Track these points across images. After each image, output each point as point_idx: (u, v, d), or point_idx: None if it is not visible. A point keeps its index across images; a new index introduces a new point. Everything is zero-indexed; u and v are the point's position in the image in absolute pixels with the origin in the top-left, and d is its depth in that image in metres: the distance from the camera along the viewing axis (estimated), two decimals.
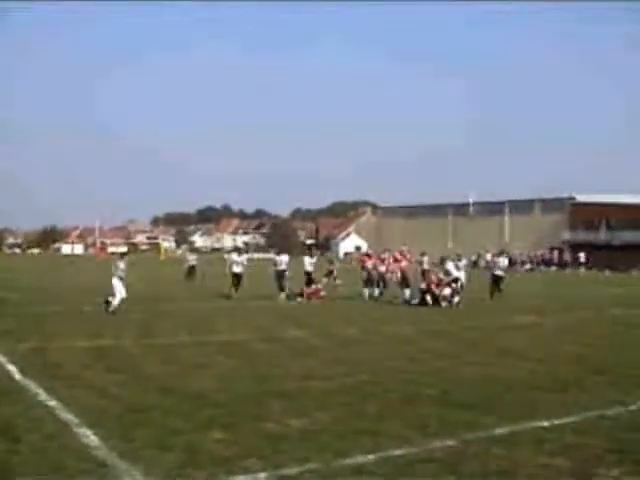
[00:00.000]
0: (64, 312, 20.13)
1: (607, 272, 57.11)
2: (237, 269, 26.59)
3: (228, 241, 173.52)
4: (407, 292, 25.10)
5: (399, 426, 7.67)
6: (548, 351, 13.39)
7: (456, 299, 23.66)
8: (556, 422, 7.84)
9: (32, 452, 6.65)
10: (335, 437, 7.23)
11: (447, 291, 23.72)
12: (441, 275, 24.57)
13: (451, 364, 11.76)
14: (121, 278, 20.90)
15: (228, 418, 8.01)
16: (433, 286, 23.93)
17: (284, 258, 26.69)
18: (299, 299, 25.72)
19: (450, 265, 24.73)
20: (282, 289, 26.12)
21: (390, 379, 10.33)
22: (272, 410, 8.42)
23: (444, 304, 23.30)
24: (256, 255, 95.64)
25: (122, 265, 21.24)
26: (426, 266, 27.14)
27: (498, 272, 27.37)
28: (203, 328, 16.96)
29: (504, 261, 28.60)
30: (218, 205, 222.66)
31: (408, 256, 27.34)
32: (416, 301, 23.94)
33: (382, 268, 26.67)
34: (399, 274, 26.14)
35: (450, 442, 7.05)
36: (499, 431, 7.49)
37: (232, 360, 12.14)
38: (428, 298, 23.62)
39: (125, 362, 11.84)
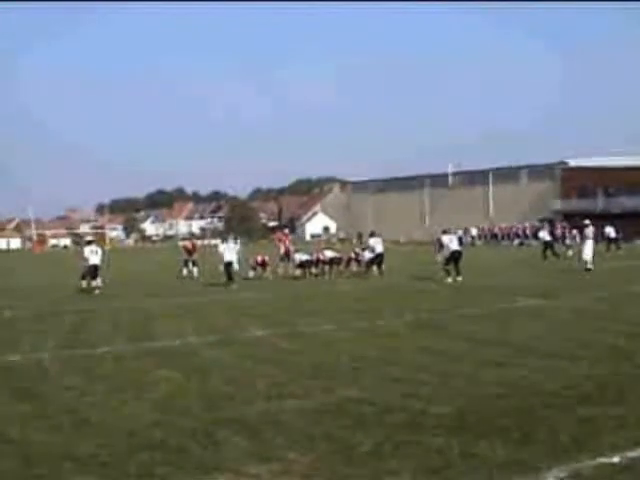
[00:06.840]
0: None
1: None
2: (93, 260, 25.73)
3: (183, 227, 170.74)
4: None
5: (407, 469, 5.96)
6: (577, 344, 11.62)
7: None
8: (630, 455, 6.04)
9: None
10: None
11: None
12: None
13: (459, 368, 9.94)
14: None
15: (164, 468, 6.25)
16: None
17: (231, 246, 26.85)
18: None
19: (445, 238, 26.07)
20: (230, 278, 25.95)
21: (384, 394, 8.56)
22: (227, 451, 6.69)
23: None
24: (213, 241, 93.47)
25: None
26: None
27: (547, 238, 37.49)
28: (145, 331, 15.22)
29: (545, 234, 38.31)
30: (170, 188, 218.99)
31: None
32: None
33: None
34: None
35: None
36: (548, 475, 5.75)
37: (177, 375, 10.27)
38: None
39: (37, 385, 9.97)
